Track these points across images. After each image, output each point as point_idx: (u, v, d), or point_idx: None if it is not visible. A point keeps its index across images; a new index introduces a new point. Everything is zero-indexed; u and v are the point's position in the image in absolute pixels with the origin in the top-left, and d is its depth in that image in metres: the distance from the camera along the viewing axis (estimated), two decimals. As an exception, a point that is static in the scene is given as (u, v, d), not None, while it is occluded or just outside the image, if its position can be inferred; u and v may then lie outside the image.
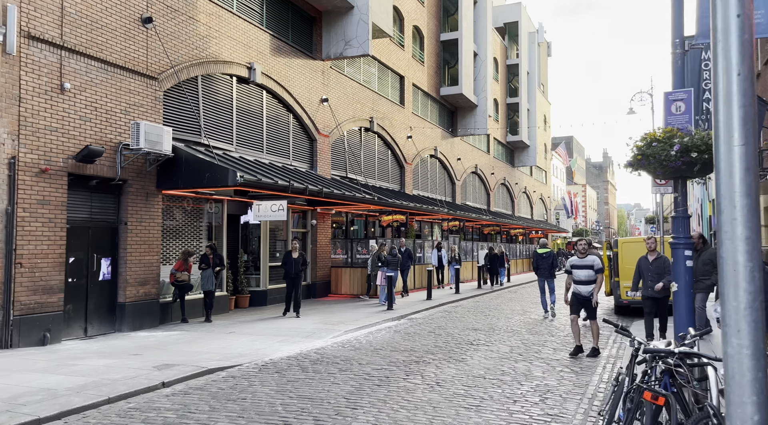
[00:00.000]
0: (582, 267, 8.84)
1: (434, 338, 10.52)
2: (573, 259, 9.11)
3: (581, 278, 8.82)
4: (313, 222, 17.96)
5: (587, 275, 8.79)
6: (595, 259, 8.86)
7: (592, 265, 8.80)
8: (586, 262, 8.85)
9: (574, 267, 8.93)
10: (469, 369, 7.87)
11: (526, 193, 45.55)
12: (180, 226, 13.41)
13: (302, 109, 17.47)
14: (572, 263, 9.03)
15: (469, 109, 30.74)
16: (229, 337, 10.72)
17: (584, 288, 8.80)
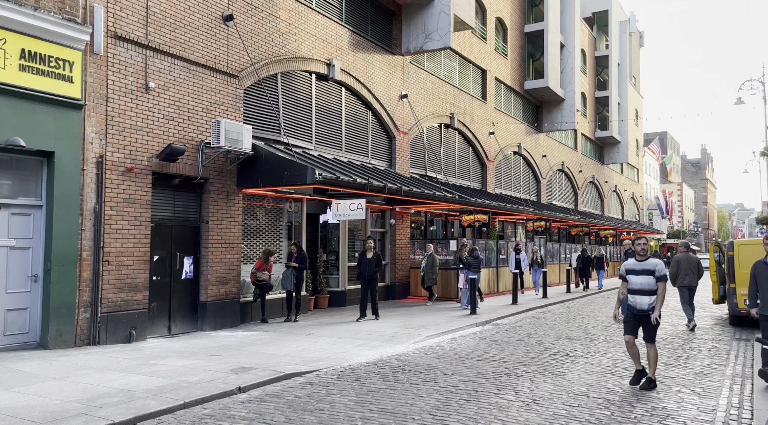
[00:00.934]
0: (640, 273, 7.00)
1: (524, 347, 9.69)
2: (629, 263, 7.19)
3: (639, 287, 6.98)
4: (391, 222, 17.49)
5: (646, 283, 6.93)
6: (657, 263, 7.02)
7: (653, 270, 6.95)
8: (645, 266, 6.99)
9: (630, 272, 7.09)
10: (568, 384, 7.03)
11: (616, 192, 43.03)
12: (260, 226, 13.32)
13: (381, 106, 17.04)
14: (627, 267, 7.14)
15: (555, 103, 29.25)
16: (308, 339, 10.40)
17: (642, 300, 6.93)
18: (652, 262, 7.03)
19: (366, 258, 13.16)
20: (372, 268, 13.05)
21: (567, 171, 32.61)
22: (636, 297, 7.00)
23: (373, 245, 13.54)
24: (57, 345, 9.05)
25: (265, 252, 12.66)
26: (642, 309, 6.93)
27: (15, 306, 9.02)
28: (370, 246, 13.31)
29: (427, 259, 15.97)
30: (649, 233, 45.03)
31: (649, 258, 7.06)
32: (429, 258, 15.94)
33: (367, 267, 13.06)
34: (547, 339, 10.61)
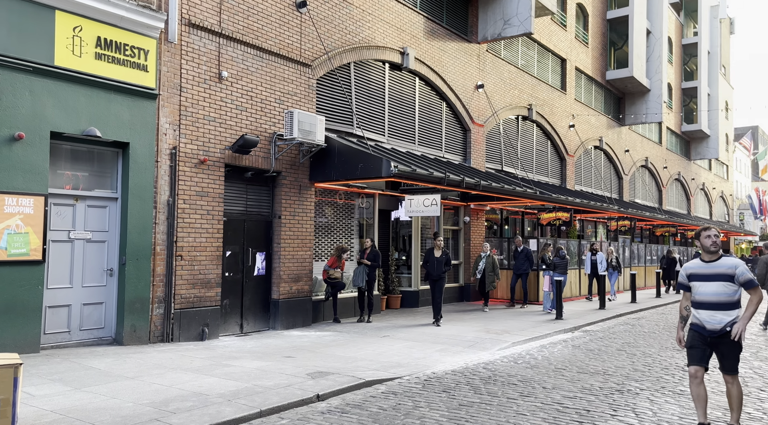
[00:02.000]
0: (710, 278, 4.98)
1: (628, 358, 8.62)
2: (692, 265, 5.20)
3: (709, 298, 4.95)
4: (466, 219, 16.60)
5: (722, 293, 4.91)
6: (737, 264, 4.97)
7: (732, 274, 4.91)
8: (717, 269, 4.97)
9: (695, 278, 5.09)
10: (693, 407, 6.00)
11: (704, 190, 40.13)
12: (330, 222, 12.80)
13: (456, 97, 16.20)
14: (690, 271, 5.16)
15: (640, 94, 27.36)
16: (384, 342, 9.75)
17: (715, 318, 4.91)
18: (728, 262, 4.98)
19: (434, 256, 12.19)
20: (440, 268, 12.07)
21: (651, 167, 30.52)
22: (704, 313, 4.97)
23: (442, 243, 12.61)
24: (131, 341, 8.82)
25: (338, 249, 12.13)
26: (715, 331, 4.93)
27: (91, 301, 8.85)
28: (438, 244, 12.41)
29: (486, 261, 14.29)
30: (741, 234, 41.78)
31: (723, 257, 5.04)
32: (488, 260, 14.29)
33: (435, 266, 12.08)
34: (652, 349, 9.47)
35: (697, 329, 5.07)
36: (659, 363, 8.28)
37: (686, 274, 5.20)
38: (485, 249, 14.53)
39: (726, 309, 4.91)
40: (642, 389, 6.65)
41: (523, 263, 14.89)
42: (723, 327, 4.89)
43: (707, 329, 4.98)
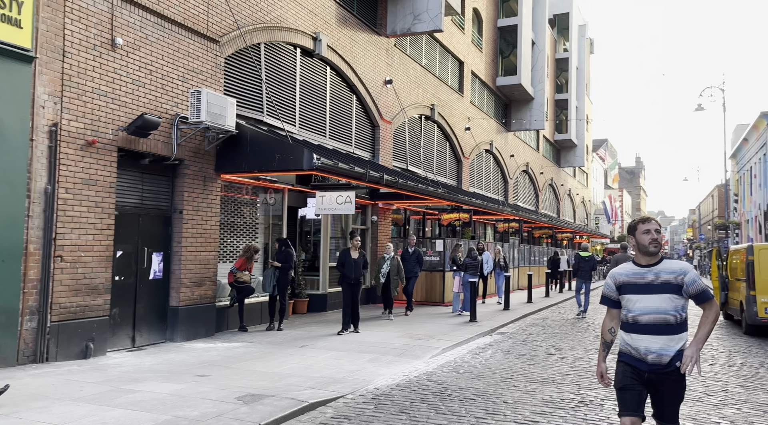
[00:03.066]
0: (651, 289, 3.57)
1: (565, 363, 8.45)
2: (624, 270, 3.72)
3: (651, 317, 3.55)
4: (373, 219, 15.98)
5: (668, 309, 3.52)
6: (685, 268, 3.56)
7: (680, 283, 3.52)
8: (661, 277, 3.56)
9: (629, 288, 3.65)
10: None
11: (569, 196, 43.27)
12: (234, 219, 11.48)
13: (366, 91, 15.51)
14: (623, 279, 3.69)
15: (525, 102, 28.61)
16: (305, 353, 8.77)
17: (655, 344, 3.54)
18: (673, 267, 3.56)
19: (351, 258, 11.04)
20: (358, 271, 11.02)
21: (530, 172, 32.13)
22: (643, 338, 3.54)
23: (359, 243, 11.55)
24: (-7, 364, 7.01)
25: (248, 249, 10.88)
26: (658, 364, 3.51)
27: (-65, 314, 6.91)
28: (355, 244, 11.27)
29: (390, 263, 12.74)
30: (599, 237, 45.63)
31: (664, 260, 3.62)
32: (393, 262, 12.74)
33: (352, 269, 10.94)
34: (579, 352, 9.43)
35: (630, 362, 3.59)
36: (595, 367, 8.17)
37: (615, 284, 3.68)
38: (388, 251, 12.89)
39: (672, 333, 3.48)
40: (602, 399, 6.38)
41: (414, 265, 13.79)
42: (671, 359, 3.46)
43: (647, 362, 3.50)
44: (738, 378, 7.59)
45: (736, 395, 6.68)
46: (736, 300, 12.88)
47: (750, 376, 7.74)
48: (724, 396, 6.60)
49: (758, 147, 40.91)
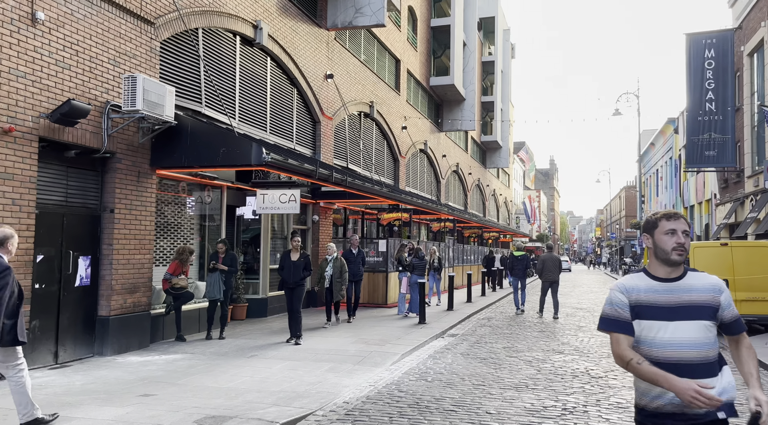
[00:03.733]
0: (680, 314, 2.53)
1: (530, 367, 8.28)
2: (639, 284, 2.62)
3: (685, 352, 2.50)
4: (314, 218, 15.34)
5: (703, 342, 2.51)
6: (720, 285, 2.62)
7: (716, 304, 2.57)
8: (691, 296, 2.55)
9: (649, 311, 2.56)
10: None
11: (494, 196, 44.29)
12: (167, 219, 10.52)
13: (307, 85, 14.85)
14: (640, 297, 2.58)
15: (456, 102, 28.84)
16: (256, 364, 8.08)
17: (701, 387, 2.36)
18: (705, 282, 2.62)
19: (290, 260, 10.12)
20: (298, 274, 10.01)
21: (460, 172, 32.49)
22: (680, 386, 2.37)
23: (300, 243, 10.56)
24: None
25: (182, 251, 9.97)
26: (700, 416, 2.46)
27: None
28: (295, 245, 10.32)
29: (333, 265, 11.64)
30: (521, 236, 47.09)
31: (689, 272, 2.65)
32: (336, 264, 11.65)
33: (291, 272, 10.04)
34: (538, 353, 9.33)
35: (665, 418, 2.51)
36: (562, 370, 8.06)
37: (630, 302, 2.59)
38: (331, 252, 11.77)
39: (712, 374, 2.51)
40: (584, 404, 6.20)
41: (359, 268, 12.93)
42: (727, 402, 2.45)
43: (688, 414, 2.46)
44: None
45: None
46: (670, 297, 13.38)
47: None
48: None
49: (664, 151, 43.74)
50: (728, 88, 23.33)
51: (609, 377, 7.53)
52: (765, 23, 21.34)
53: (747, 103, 23.84)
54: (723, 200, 26.90)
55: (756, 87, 23.35)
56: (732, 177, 25.52)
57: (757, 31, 22.27)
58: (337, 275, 11.62)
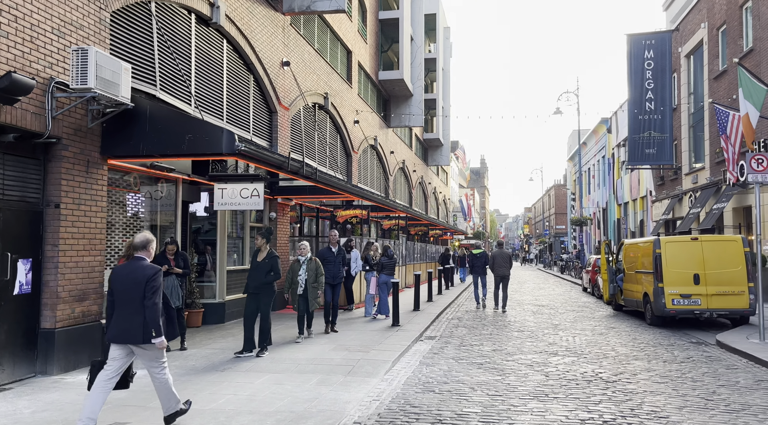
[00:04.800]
0: None
1: (534, 371, 7.79)
2: None
3: None
4: (272, 215, 14.31)
5: None
6: None
7: None
8: None
9: None
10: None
11: (434, 194, 44.31)
12: (113, 216, 9.26)
13: (264, 71, 13.81)
14: None
15: (404, 98, 28.37)
16: (234, 378, 7.14)
17: None
18: None
19: (255, 261, 8.85)
20: (259, 277, 8.63)
21: (406, 170, 32.09)
22: None
23: (265, 241, 8.91)
24: None
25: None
26: None
27: None
28: (259, 243, 8.91)
29: (307, 267, 9.77)
30: (461, 233, 47.44)
31: None
32: (310, 265, 9.79)
33: (253, 274, 8.70)
34: (531, 356, 8.88)
35: None
36: (570, 374, 7.62)
37: None
38: (304, 252, 9.81)
39: None
40: (621, 415, 5.72)
41: (339, 269, 11.25)
42: None
43: None
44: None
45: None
46: (637, 293, 13.39)
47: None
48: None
49: (597, 149, 45.30)
50: (666, 88, 24.11)
51: (622, 380, 7.15)
52: (704, 25, 22.18)
53: (684, 102, 24.79)
54: (659, 197, 27.93)
55: (693, 87, 24.33)
56: (669, 174, 26.51)
57: (696, 32, 23.13)
58: (312, 279, 9.76)
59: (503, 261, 15.42)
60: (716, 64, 21.15)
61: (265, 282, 8.67)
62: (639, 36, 24.76)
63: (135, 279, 4.89)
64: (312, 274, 9.85)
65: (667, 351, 9.19)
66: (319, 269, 9.98)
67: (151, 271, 4.92)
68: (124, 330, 4.87)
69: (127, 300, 4.87)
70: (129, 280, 4.90)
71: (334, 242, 11.41)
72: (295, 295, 9.90)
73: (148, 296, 4.84)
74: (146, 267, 4.97)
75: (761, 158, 9.59)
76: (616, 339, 10.44)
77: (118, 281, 4.95)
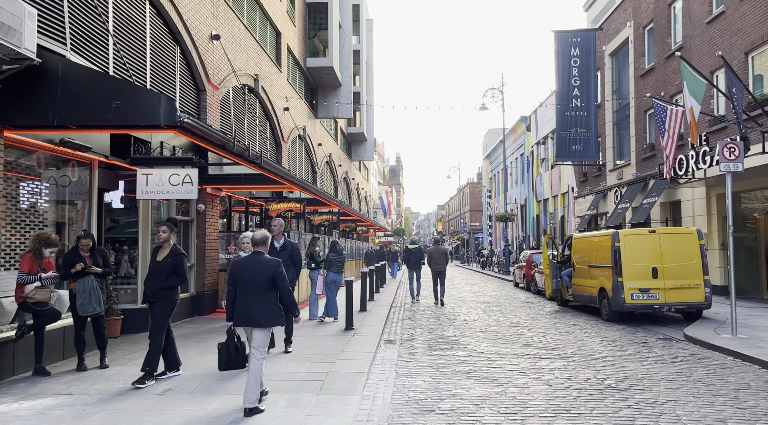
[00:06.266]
0: None
1: (531, 381, 6.92)
2: None
3: None
4: (200, 208, 12.62)
5: None
6: None
7: None
8: None
9: None
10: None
11: (357, 190, 43.30)
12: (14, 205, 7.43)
13: (192, 44, 12.12)
14: None
15: (332, 88, 27.08)
16: (179, 404, 5.70)
17: None
18: None
19: (154, 261, 6.88)
20: (158, 281, 6.67)
21: (332, 164, 30.80)
22: None
23: (169, 236, 6.90)
24: None
25: (37, 238, 7.01)
26: None
27: None
28: (163, 238, 6.88)
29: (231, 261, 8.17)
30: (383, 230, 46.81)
31: None
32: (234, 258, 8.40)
33: (152, 278, 6.75)
34: (513, 359, 8.04)
35: None
36: (573, 381, 6.81)
37: None
38: (248, 247, 7.63)
39: None
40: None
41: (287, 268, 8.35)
42: None
43: None
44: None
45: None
46: (591, 288, 13.03)
47: (706, 370, 7.20)
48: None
49: (515, 147, 46.24)
50: (591, 86, 24.50)
51: (634, 388, 6.42)
52: (630, 23, 22.68)
53: (609, 100, 25.38)
54: (582, 193, 28.56)
55: (618, 85, 24.95)
56: (593, 171, 27.10)
57: (621, 31, 23.65)
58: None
59: (440, 258, 15.87)
60: (642, 62, 21.68)
61: (165, 288, 6.64)
62: (566, 33, 24.99)
63: (257, 270, 5.47)
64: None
65: (648, 350, 8.69)
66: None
67: (276, 263, 5.56)
68: (246, 316, 5.44)
69: (251, 290, 5.45)
70: (252, 272, 5.48)
71: (279, 234, 8.88)
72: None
73: (283, 285, 5.53)
74: (269, 260, 5.58)
75: (733, 147, 9.35)
76: (587, 338, 9.88)
77: (242, 273, 5.51)
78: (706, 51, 16.79)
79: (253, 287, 5.42)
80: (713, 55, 16.35)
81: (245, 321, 5.42)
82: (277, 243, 8.87)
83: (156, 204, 11.13)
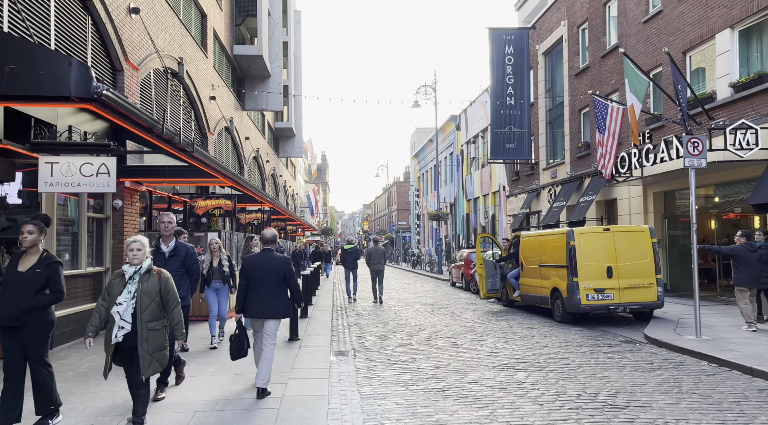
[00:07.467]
0: None
1: (517, 398, 6.13)
2: None
3: None
4: (117, 204, 11.03)
5: None
6: None
7: None
8: None
9: None
10: None
11: (285, 188, 41.68)
12: None
13: (107, 14, 10.52)
14: None
15: (261, 79, 25.53)
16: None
17: None
18: None
19: (15, 271, 5.03)
20: (26, 297, 4.91)
21: (260, 160, 29.19)
22: None
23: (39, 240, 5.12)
24: None
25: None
26: None
27: None
28: (28, 241, 5.07)
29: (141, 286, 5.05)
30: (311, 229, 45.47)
31: None
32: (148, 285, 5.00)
33: (13, 294, 4.93)
34: (486, 372, 7.26)
35: None
36: (565, 398, 6.08)
37: None
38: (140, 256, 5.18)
39: None
40: None
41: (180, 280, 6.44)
42: None
43: None
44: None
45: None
46: (543, 288, 12.57)
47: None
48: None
49: (445, 146, 46.28)
50: (524, 85, 24.48)
51: (633, 405, 5.78)
52: (564, 23, 22.80)
53: (542, 99, 25.52)
54: (514, 192, 28.66)
55: (551, 84, 25.11)
56: (525, 169, 27.21)
57: (555, 30, 23.77)
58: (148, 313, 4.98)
59: (378, 257, 16.45)
60: (577, 61, 21.83)
61: (35, 308, 4.94)
62: (500, 31, 24.84)
63: (268, 266, 5.95)
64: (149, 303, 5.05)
65: (619, 356, 8.19)
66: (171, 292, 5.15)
67: (286, 260, 6.06)
68: (261, 308, 5.92)
69: (263, 284, 5.90)
70: (263, 267, 5.95)
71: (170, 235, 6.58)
72: (108, 344, 4.89)
73: (293, 281, 6.08)
74: (280, 257, 6.06)
75: (697, 141, 9.08)
76: (551, 343, 9.30)
77: (255, 268, 5.96)
78: (643, 50, 16.94)
79: (266, 282, 5.89)
80: (650, 54, 16.52)
81: (260, 313, 5.90)
82: (165, 246, 6.54)
83: (62, 200, 9.50)
